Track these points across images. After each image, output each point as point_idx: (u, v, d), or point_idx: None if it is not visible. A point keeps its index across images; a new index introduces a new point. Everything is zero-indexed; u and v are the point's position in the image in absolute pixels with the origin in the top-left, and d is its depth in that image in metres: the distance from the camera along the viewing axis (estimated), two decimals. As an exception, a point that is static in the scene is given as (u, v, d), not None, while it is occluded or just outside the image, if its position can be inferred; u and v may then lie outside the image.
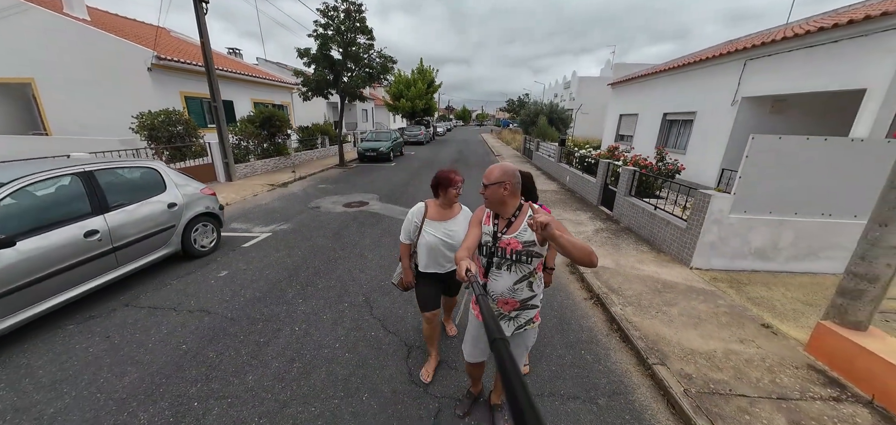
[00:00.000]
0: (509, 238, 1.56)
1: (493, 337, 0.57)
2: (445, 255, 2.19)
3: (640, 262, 4.52)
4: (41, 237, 2.84)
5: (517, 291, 1.60)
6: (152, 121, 8.84)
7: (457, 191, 2.13)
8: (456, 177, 2.13)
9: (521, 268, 1.57)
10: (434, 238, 2.15)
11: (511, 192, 1.54)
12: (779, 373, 2.54)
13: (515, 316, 1.66)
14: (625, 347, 2.93)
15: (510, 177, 1.54)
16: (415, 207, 2.24)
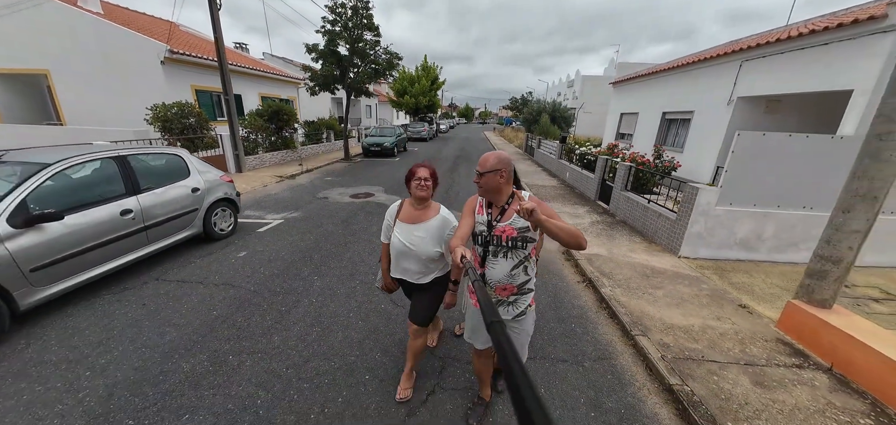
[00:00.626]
0: (504, 225, 1.58)
1: (489, 320, 0.58)
2: (408, 263, 1.98)
3: (632, 251, 4.79)
4: (84, 213, 3.14)
5: (514, 277, 1.62)
6: (166, 113, 9.14)
7: (419, 185, 1.87)
8: (417, 169, 1.90)
9: (517, 253, 1.60)
10: (398, 241, 1.95)
11: (506, 180, 1.56)
12: (749, 345, 2.82)
13: (513, 301, 1.68)
14: (611, 322, 3.21)
15: (505, 165, 1.55)
16: (391, 205, 2.09)
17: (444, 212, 1.98)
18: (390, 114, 36.07)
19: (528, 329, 1.78)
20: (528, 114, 24.90)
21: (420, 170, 1.90)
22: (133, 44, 10.39)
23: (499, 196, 1.60)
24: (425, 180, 1.89)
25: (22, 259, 2.70)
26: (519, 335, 1.76)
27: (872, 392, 2.36)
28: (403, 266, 2.00)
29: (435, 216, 1.95)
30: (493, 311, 0.60)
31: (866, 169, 2.61)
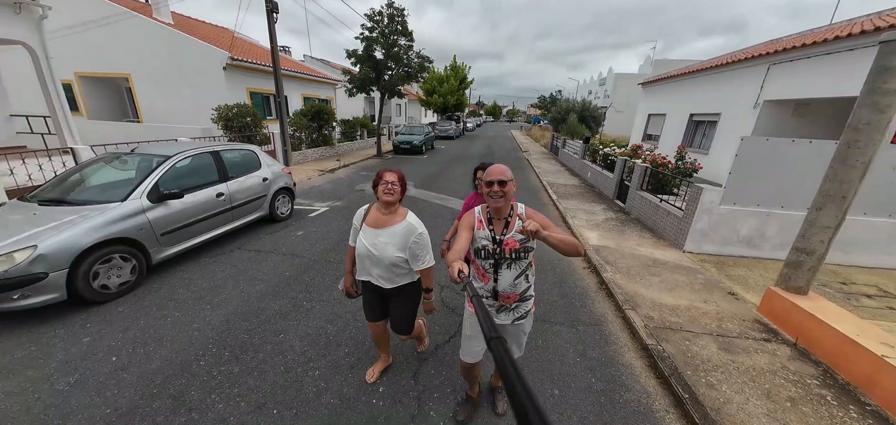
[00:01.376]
0: (508, 237, 1.62)
1: (489, 336, 0.57)
2: (372, 267, 1.98)
3: (639, 245, 5.23)
4: (194, 194, 4.14)
5: (517, 285, 1.68)
6: (227, 113, 10.48)
7: (386, 189, 1.85)
8: (385, 173, 1.88)
9: (520, 263, 1.65)
10: (362, 245, 1.96)
11: (513, 192, 1.61)
12: (726, 322, 3.28)
13: (515, 307, 1.75)
14: (608, 300, 3.75)
15: (511, 177, 1.60)
16: (359, 209, 2.08)
17: (410, 219, 1.94)
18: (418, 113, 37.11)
19: (527, 328, 1.86)
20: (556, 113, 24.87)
21: (387, 174, 1.87)
22: (200, 52, 11.90)
23: (506, 207, 1.63)
24: (393, 184, 1.87)
25: (156, 226, 3.70)
26: (514, 335, 1.84)
27: (826, 361, 2.78)
28: (368, 270, 1.99)
29: (401, 222, 1.92)
30: (492, 327, 0.59)
31: (836, 172, 2.99)
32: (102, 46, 12.69)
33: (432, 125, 24.70)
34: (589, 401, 2.40)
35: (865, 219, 4.55)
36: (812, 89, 6.82)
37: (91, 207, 3.33)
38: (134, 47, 12.47)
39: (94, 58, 12.89)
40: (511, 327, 1.80)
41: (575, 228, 5.96)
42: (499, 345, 0.53)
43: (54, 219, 3.11)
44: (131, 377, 2.40)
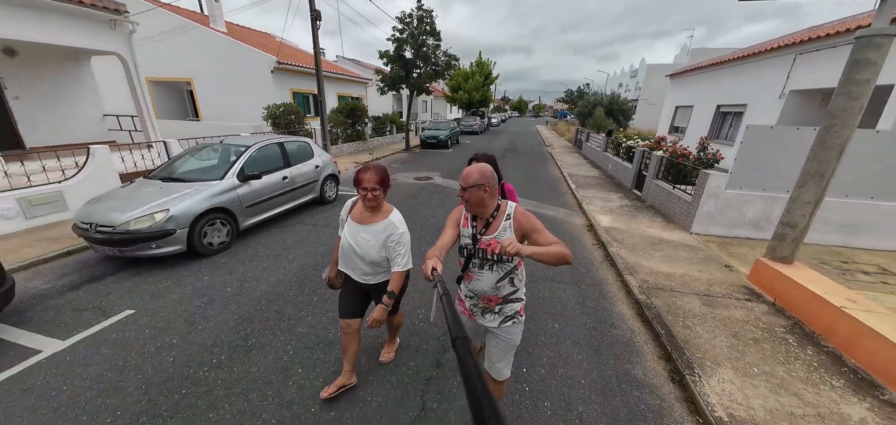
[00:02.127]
0: (490, 239, 1.58)
1: (454, 335, 0.59)
2: (355, 262, 1.96)
3: (649, 227, 5.67)
4: (268, 176, 5.13)
5: (499, 289, 1.64)
6: (276, 111, 11.76)
7: (364, 195, 1.79)
8: (363, 176, 1.78)
9: (503, 266, 1.60)
10: (345, 239, 1.96)
11: (490, 194, 1.56)
12: (715, 286, 3.76)
13: (498, 310, 1.69)
14: (611, 268, 4.32)
15: (489, 179, 1.55)
16: (348, 200, 2.07)
17: (393, 216, 1.91)
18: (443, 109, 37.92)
19: (515, 339, 1.74)
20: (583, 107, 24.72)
21: (366, 177, 1.77)
22: (253, 57, 13.32)
23: (483, 209, 1.59)
24: (373, 191, 1.79)
25: (243, 199, 4.70)
26: (503, 343, 1.74)
27: (798, 316, 3.22)
28: (349, 264, 1.99)
29: (383, 220, 1.89)
30: (458, 327, 0.61)
31: (816, 154, 3.39)
32: (170, 54, 14.44)
33: (457, 121, 25.35)
34: (582, 333, 3.04)
35: (873, 203, 4.76)
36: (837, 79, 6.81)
37: (199, 183, 4.37)
38: (197, 55, 14.11)
39: (162, 65, 14.69)
40: (500, 332, 1.72)
41: (589, 213, 6.46)
42: (462, 345, 0.54)
43: (177, 192, 4.15)
44: (244, 300, 3.34)
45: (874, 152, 4.55)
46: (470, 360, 0.50)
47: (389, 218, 1.90)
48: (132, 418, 2.10)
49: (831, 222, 4.95)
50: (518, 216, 1.59)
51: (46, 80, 8.88)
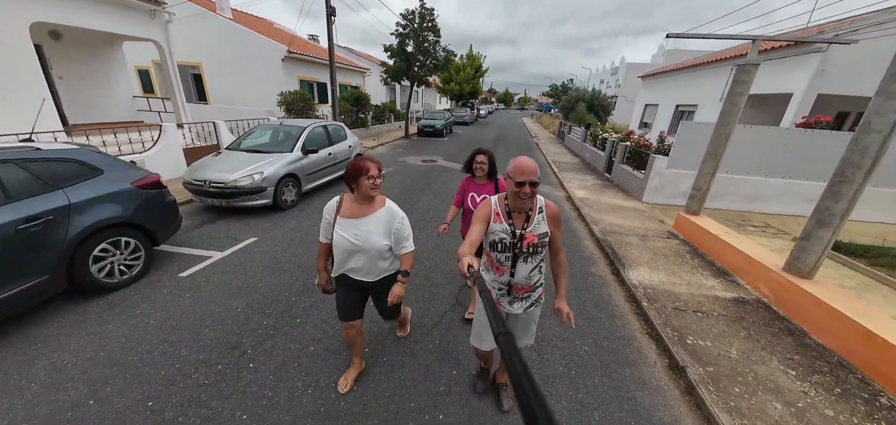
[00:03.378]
0: (528, 232, 1.62)
1: (497, 332, 0.58)
2: (357, 259, 1.93)
3: (612, 199, 7.41)
4: (317, 153, 6.48)
5: (531, 278, 1.72)
6: (289, 98, 12.83)
7: (371, 183, 1.80)
8: (369, 164, 1.80)
9: (536, 257, 1.68)
10: (342, 238, 1.89)
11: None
12: (648, 232, 5.48)
13: (527, 296, 1.79)
14: (581, 222, 5.99)
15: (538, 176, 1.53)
16: (329, 202, 2.00)
17: (389, 204, 1.94)
18: (434, 99, 39.08)
19: (537, 316, 1.90)
20: (567, 101, 26.58)
21: (370, 165, 1.80)
22: (265, 46, 14.21)
23: (529, 204, 1.59)
24: (377, 179, 1.82)
25: (305, 168, 6.06)
26: (525, 321, 1.87)
27: (696, 245, 4.97)
28: (351, 265, 1.94)
29: (381, 208, 1.91)
30: (501, 323, 0.60)
31: (712, 140, 5.12)
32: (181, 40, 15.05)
33: (450, 111, 26.70)
34: (560, 253, 4.68)
35: (765, 179, 6.63)
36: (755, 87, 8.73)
37: (276, 154, 5.71)
38: (207, 41, 14.81)
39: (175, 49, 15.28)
40: (523, 315, 1.82)
41: (568, 189, 8.14)
42: (507, 342, 0.53)
43: (262, 160, 5.48)
44: (330, 233, 4.78)
45: (767, 144, 6.40)
46: (516, 357, 0.49)
47: (387, 205, 1.94)
48: (286, 288, 3.55)
49: (740, 194, 6.82)
50: (551, 211, 1.67)
51: (85, 63, 9.69)
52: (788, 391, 2.43)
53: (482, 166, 2.71)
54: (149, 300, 3.16)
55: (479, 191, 2.75)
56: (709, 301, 3.56)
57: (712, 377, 2.54)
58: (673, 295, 3.64)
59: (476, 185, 2.78)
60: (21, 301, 2.62)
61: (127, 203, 3.27)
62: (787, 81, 7.78)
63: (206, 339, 2.72)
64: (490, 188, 2.74)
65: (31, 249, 2.63)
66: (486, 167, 2.72)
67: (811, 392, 2.43)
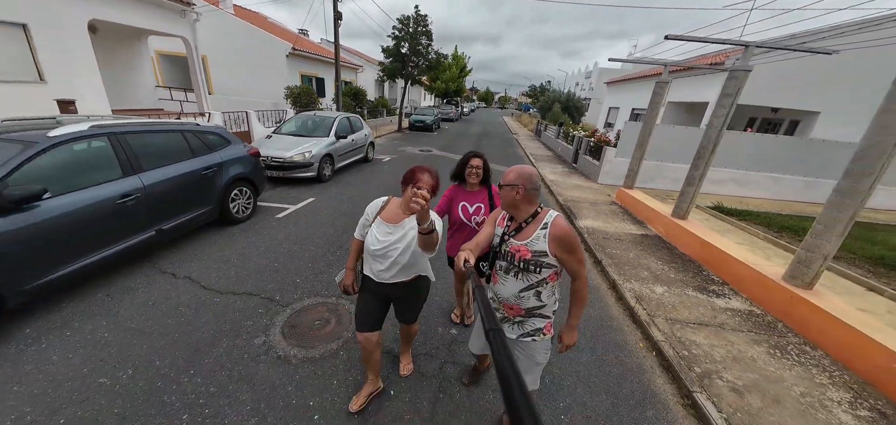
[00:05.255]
0: (519, 245, 1.51)
1: (487, 327, 0.57)
2: (386, 262, 1.79)
3: (575, 181, 9.47)
4: (346, 138, 8.08)
5: (522, 299, 1.56)
6: (295, 92, 14.12)
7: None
8: (422, 174, 1.71)
9: (529, 276, 1.52)
10: (374, 239, 1.78)
11: (524, 197, 1.48)
12: (597, 201, 7.53)
13: (520, 321, 1.62)
14: (550, 196, 7.97)
15: (525, 182, 1.47)
16: (375, 200, 1.91)
17: (432, 216, 1.63)
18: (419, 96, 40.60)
19: (538, 357, 1.65)
20: (544, 102, 28.96)
21: (425, 176, 1.71)
22: (270, 42, 15.35)
23: (516, 212, 1.54)
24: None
25: (338, 150, 7.66)
26: (523, 358, 1.67)
27: (632, 211, 7.04)
28: (377, 268, 1.82)
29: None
30: (491, 319, 0.59)
31: (640, 133, 7.20)
32: (182, 32, 15.87)
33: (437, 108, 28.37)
34: (533, 212, 6.61)
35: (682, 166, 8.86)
36: (685, 97, 11.11)
37: (316, 138, 7.27)
38: (212, 35, 15.72)
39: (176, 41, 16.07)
40: (516, 343, 1.65)
41: (541, 174, 10.14)
42: (496, 337, 0.53)
43: (307, 142, 7.03)
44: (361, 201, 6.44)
45: (682, 138, 8.63)
46: (504, 353, 0.48)
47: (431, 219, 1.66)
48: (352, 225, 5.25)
49: (668, 177, 9.03)
50: (558, 230, 1.47)
51: (116, 54, 10.66)
52: (655, 268, 4.42)
53: (477, 171, 2.37)
54: (267, 227, 4.77)
55: (472, 199, 2.41)
56: (625, 235, 5.57)
57: (616, 263, 4.49)
58: (604, 231, 5.63)
59: (467, 194, 2.44)
60: (202, 220, 4.19)
61: (246, 164, 4.84)
62: (705, 93, 10.15)
63: (317, 248, 4.37)
64: (483, 195, 2.43)
65: (208, 187, 4.20)
66: (481, 172, 2.38)
67: (670, 273, 4.41)
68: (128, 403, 2.08)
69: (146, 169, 3.48)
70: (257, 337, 2.71)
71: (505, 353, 0.48)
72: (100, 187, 3.07)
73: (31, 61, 7.11)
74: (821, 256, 3.29)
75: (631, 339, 3.19)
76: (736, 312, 3.56)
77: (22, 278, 2.55)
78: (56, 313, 2.78)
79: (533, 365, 1.68)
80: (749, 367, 2.78)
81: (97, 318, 2.77)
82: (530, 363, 1.67)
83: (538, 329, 1.62)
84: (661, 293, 3.85)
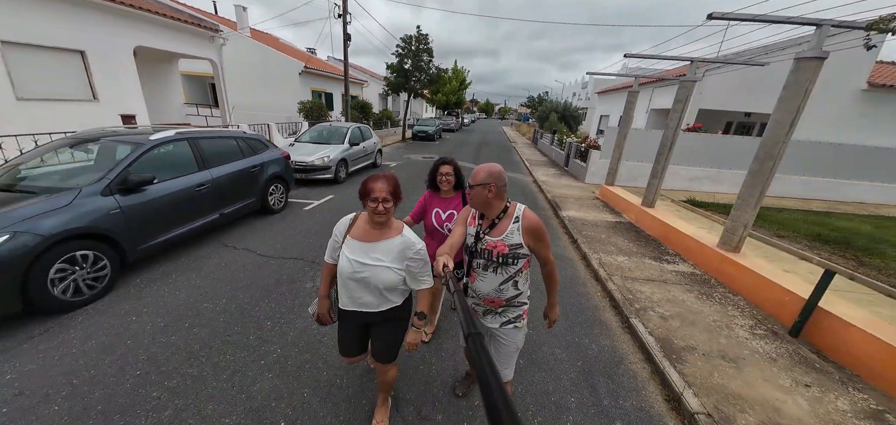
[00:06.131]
0: (496, 241, 1.56)
1: (466, 332, 0.59)
2: (360, 291, 1.62)
3: (565, 181, 10.41)
4: (358, 145, 9.11)
5: (502, 291, 1.63)
6: (308, 106, 15.30)
7: (374, 208, 1.48)
8: (374, 184, 1.51)
9: (507, 269, 1.59)
10: (347, 261, 1.59)
11: (496, 194, 1.53)
12: (582, 197, 8.45)
13: (502, 311, 1.69)
14: (540, 193, 8.91)
15: (496, 179, 1.52)
16: (342, 219, 1.72)
17: (407, 233, 1.62)
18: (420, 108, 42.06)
19: (517, 342, 1.74)
20: (542, 112, 30.10)
21: (378, 185, 1.50)
22: (285, 62, 16.62)
23: (489, 209, 1.59)
24: (384, 203, 1.48)
25: (351, 155, 8.67)
26: (506, 345, 1.73)
27: (609, 202, 7.96)
28: (353, 294, 1.63)
29: (397, 236, 1.60)
30: (470, 323, 0.61)
31: (616, 137, 8.16)
32: (202, 53, 17.20)
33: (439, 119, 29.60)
34: (524, 205, 7.54)
35: (663, 166, 9.78)
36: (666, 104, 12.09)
37: (334, 145, 8.30)
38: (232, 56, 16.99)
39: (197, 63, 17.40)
40: (499, 332, 1.72)
41: (535, 176, 11.09)
42: (475, 341, 0.55)
43: (325, 148, 8.05)
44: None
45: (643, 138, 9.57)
46: (484, 357, 0.50)
47: (404, 234, 1.61)
48: (374, 213, 6.20)
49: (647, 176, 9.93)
50: (529, 221, 1.55)
51: (152, 75, 11.86)
52: (622, 245, 5.30)
53: (448, 178, 2.40)
54: (298, 217, 5.73)
55: (445, 205, 2.45)
56: (601, 222, 6.48)
57: (588, 241, 5.39)
58: (583, 219, 6.54)
59: (441, 201, 2.47)
60: (249, 208, 5.17)
61: (280, 164, 5.83)
62: (681, 100, 11.15)
63: (340, 230, 5.32)
64: (457, 201, 2.46)
65: (253, 182, 5.19)
66: (452, 178, 2.41)
67: (633, 248, 5.30)
68: (228, 317, 3.01)
69: (212, 166, 4.48)
70: (307, 283, 3.64)
71: (484, 357, 0.50)
72: (183, 177, 4.06)
73: (86, 82, 8.25)
74: (741, 224, 4.20)
75: (591, 290, 4.08)
76: (680, 273, 4.45)
77: (138, 240, 3.50)
78: (156, 270, 3.73)
79: (512, 352, 1.76)
80: (678, 305, 3.67)
81: (187, 273, 3.71)
82: (511, 350, 1.76)
83: (518, 315, 1.70)
84: (622, 261, 4.74)
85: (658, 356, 2.84)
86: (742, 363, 2.83)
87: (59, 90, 7.73)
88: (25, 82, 7.16)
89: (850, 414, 2.39)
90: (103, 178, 3.27)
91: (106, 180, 3.27)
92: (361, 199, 1.57)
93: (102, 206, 3.18)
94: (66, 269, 2.90)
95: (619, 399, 2.51)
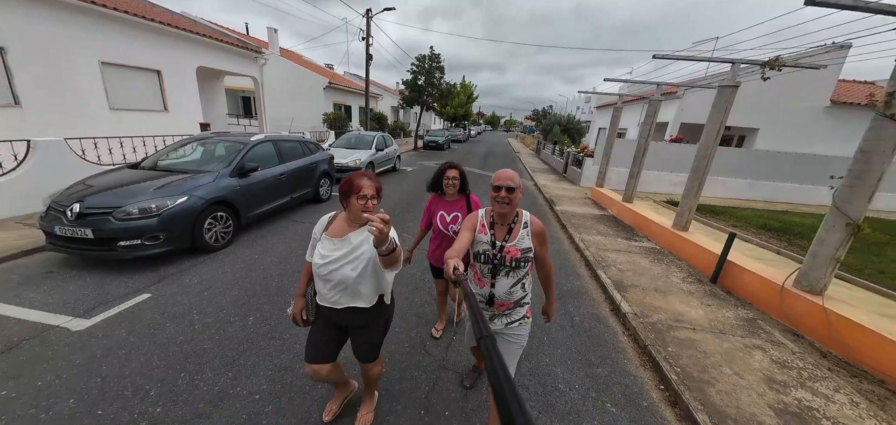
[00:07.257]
0: (510, 246, 1.62)
1: (479, 334, 0.59)
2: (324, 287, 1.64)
3: (562, 185, 11.77)
4: (383, 151, 10.63)
5: (513, 293, 1.68)
6: (330, 117, 16.99)
7: (363, 204, 1.53)
8: (362, 182, 1.55)
9: (518, 272, 1.65)
10: (321, 258, 1.61)
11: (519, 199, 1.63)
12: (576, 197, 9.79)
13: (509, 312, 1.74)
14: (540, 194, 10.27)
15: (520, 184, 1.56)
16: (322, 218, 1.76)
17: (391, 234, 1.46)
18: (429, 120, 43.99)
19: (522, 339, 1.79)
20: (546, 125, 31.57)
21: (365, 184, 1.54)
22: (312, 78, 18.43)
23: (512, 214, 1.63)
24: (372, 200, 1.55)
25: (378, 159, 10.17)
26: (513, 343, 1.78)
27: (599, 202, 9.29)
28: (324, 290, 1.65)
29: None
30: (484, 326, 0.61)
31: (606, 145, 9.53)
32: (237, 69, 19.13)
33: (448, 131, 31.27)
34: (524, 206, 8.89)
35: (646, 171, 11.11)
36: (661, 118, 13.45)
37: (362, 150, 9.82)
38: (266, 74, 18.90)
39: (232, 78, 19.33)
40: (505, 331, 1.76)
41: (536, 181, 12.46)
42: (488, 344, 0.55)
43: (356, 152, 9.58)
44: (395, 197, 8.85)
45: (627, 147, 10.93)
46: (496, 359, 0.50)
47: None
48: (388, 210, 7.64)
49: (637, 182, 11.25)
50: (537, 226, 1.67)
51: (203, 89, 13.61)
52: (602, 229, 6.62)
53: (454, 182, 2.47)
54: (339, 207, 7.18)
55: (450, 208, 2.52)
56: (588, 215, 7.81)
57: (575, 226, 6.72)
58: (573, 212, 7.89)
59: (445, 204, 2.56)
60: (305, 197, 6.64)
61: (327, 163, 7.33)
62: (665, 114, 12.51)
63: (377, 214, 6.75)
64: (461, 204, 2.53)
65: (310, 176, 6.66)
66: (457, 182, 2.48)
67: (610, 231, 6.61)
68: (316, 259, 4.44)
69: (287, 160, 5.97)
70: (364, 243, 5.05)
71: (497, 360, 0.50)
72: (271, 168, 5.54)
73: (160, 96, 9.93)
74: (687, 208, 5.52)
75: (572, 257, 5.42)
76: (642, 248, 5.76)
77: (248, 210, 4.96)
78: (255, 234, 5.17)
79: (518, 348, 1.80)
80: (633, 265, 4.98)
81: (274, 236, 5.14)
82: (516, 347, 1.78)
83: (523, 315, 1.75)
84: (599, 239, 6.07)
85: (610, 288, 4.17)
86: (668, 294, 4.14)
87: (140, 102, 9.41)
88: (116, 95, 8.84)
89: (731, 319, 3.68)
90: (231, 164, 4.76)
91: (232, 166, 4.76)
92: (343, 197, 1.59)
93: (231, 184, 4.66)
94: (211, 224, 4.36)
95: (580, 308, 3.85)
